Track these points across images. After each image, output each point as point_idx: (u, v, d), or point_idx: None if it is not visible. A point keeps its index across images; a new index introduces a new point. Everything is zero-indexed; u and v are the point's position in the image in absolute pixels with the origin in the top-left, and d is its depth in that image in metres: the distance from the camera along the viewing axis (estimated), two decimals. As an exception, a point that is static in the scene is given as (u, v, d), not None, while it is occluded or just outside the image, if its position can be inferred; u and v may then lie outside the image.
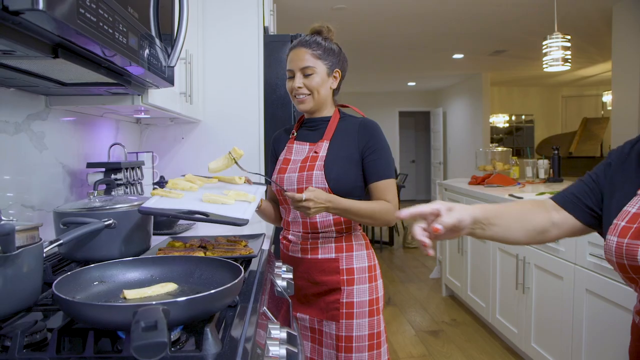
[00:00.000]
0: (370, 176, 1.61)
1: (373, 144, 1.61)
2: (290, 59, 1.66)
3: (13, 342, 0.75)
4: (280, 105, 2.76)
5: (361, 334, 1.60)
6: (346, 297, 1.61)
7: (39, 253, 0.93)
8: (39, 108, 1.60)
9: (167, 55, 1.47)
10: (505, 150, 4.50)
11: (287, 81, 1.67)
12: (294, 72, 1.63)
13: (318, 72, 1.62)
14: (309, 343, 1.69)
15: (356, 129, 1.64)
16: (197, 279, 1.02)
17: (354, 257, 1.63)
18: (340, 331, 1.60)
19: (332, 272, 1.62)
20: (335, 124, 1.67)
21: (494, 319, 3.40)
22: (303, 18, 5.05)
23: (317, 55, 1.62)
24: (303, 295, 1.67)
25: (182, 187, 1.42)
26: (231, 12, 2.66)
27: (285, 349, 0.88)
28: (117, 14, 1.01)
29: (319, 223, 1.62)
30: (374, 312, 1.63)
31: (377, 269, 1.68)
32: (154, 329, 0.61)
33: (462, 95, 10.16)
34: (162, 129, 2.68)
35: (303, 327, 1.70)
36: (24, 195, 1.52)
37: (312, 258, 1.64)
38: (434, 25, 5.54)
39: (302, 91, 1.62)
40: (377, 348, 1.62)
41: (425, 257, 6.15)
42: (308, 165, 1.60)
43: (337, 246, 1.63)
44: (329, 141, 1.63)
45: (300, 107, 1.65)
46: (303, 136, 1.72)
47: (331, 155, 1.60)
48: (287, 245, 1.72)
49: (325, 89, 1.65)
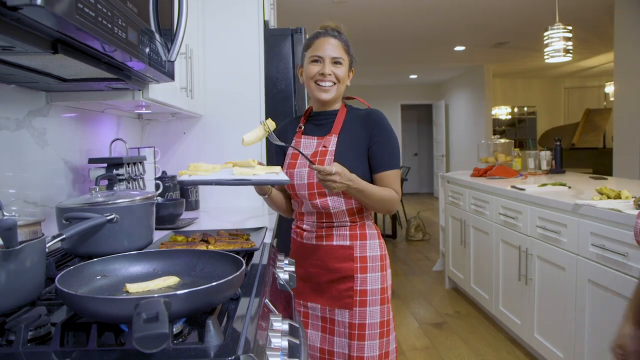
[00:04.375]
0: (376, 166, 1.63)
1: (377, 134, 1.63)
2: (319, 45, 1.64)
3: (17, 336, 0.76)
4: (281, 99, 2.76)
5: (373, 321, 1.63)
6: (360, 284, 1.63)
7: (42, 248, 0.94)
8: (40, 104, 1.60)
9: (167, 49, 1.47)
10: (507, 142, 4.49)
11: (310, 65, 1.64)
12: (324, 59, 1.62)
13: (345, 64, 1.66)
14: (319, 333, 1.70)
15: (362, 121, 1.65)
16: (199, 272, 1.03)
17: (367, 246, 1.66)
18: (353, 319, 1.62)
19: (346, 259, 1.64)
20: (343, 117, 1.68)
21: (497, 310, 3.40)
22: (304, 12, 5.04)
23: (345, 49, 1.67)
24: (316, 284, 1.69)
25: (205, 169, 1.44)
26: (231, 6, 2.66)
27: (287, 340, 0.89)
28: (116, 8, 1.01)
29: (333, 212, 1.64)
30: (385, 300, 1.66)
31: (387, 259, 1.72)
32: (155, 321, 0.62)
33: (465, 87, 10.13)
34: (163, 124, 2.69)
35: (314, 317, 1.71)
36: (26, 191, 1.52)
37: (327, 245, 1.66)
38: (435, 17, 5.52)
39: (331, 79, 1.63)
40: (387, 336, 1.66)
41: (428, 249, 6.16)
42: (318, 160, 1.61)
43: (352, 234, 1.66)
44: (337, 135, 1.64)
45: (322, 96, 1.64)
46: (310, 130, 1.72)
47: (340, 149, 1.62)
48: (300, 233, 1.73)
49: (345, 83, 1.69)
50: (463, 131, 10.22)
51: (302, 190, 1.64)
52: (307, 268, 1.69)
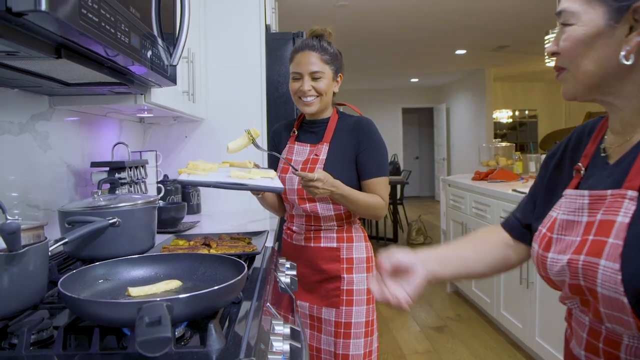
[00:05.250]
0: (363, 174, 1.68)
1: (365, 142, 1.67)
2: (297, 61, 1.68)
3: (20, 340, 0.76)
4: (282, 103, 2.77)
5: (359, 320, 1.68)
6: (346, 284, 1.69)
7: (45, 251, 0.94)
8: (43, 108, 1.61)
9: (169, 54, 1.48)
10: (508, 145, 4.49)
11: (292, 82, 1.70)
12: (302, 75, 1.66)
13: (326, 76, 1.67)
14: (307, 330, 1.76)
15: (351, 129, 1.70)
16: (200, 276, 1.03)
17: (353, 248, 1.72)
18: (339, 318, 1.68)
19: (333, 260, 1.70)
20: (334, 125, 1.73)
21: (499, 314, 3.40)
22: (305, 16, 5.05)
23: (325, 60, 1.67)
24: (305, 283, 1.74)
25: (203, 168, 1.48)
26: (233, 10, 2.66)
27: (289, 344, 0.89)
28: (119, 14, 1.01)
29: (322, 216, 1.69)
30: (370, 300, 1.71)
31: (372, 261, 1.76)
32: (158, 324, 0.62)
33: (465, 91, 10.13)
34: (165, 127, 2.69)
35: (302, 315, 1.76)
36: (29, 195, 1.53)
37: (315, 246, 1.72)
38: (436, 21, 5.53)
39: (311, 93, 1.66)
40: (371, 335, 1.71)
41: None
42: (309, 167, 1.68)
43: (339, 236, 1.72)
44: (329, 144, 1.70)
45: (306, 110, 1.69)
46: (304, 137, 1.77)
47: (330, 158, 1.67)
48: (291, 234, 1.81)
49: (330, 93, 1.71)
50: (464, 134, 10.21)
51: (292, 195, 1.70)
52: (299, 268, 1.73)
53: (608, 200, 0.77)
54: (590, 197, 0.81)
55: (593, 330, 0.81)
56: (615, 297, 0.71)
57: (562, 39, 0.80)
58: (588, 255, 0.75)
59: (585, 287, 0.76)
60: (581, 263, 0.75)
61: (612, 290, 0.71)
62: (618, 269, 0.70)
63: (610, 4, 0.75)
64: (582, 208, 0.82)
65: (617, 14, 0.75)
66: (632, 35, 0.74)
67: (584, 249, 0.76)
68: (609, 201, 0.77)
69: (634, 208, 0.73)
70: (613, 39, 0.75)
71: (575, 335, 0.87)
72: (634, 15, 0.74)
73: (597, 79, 0.79)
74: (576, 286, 0.78)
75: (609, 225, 0.75)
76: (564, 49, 0.80)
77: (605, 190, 0.78)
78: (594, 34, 0.77)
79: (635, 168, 0.76)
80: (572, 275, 0.78)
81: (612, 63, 0.76)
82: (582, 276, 0.75)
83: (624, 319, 0.72)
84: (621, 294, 0.70)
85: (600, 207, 0.78)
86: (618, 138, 0.84)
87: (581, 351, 0.85)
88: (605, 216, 0.76)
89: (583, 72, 0.79)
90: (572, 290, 0.80)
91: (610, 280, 0.71)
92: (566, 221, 0.84)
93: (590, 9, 0.77)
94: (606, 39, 0.76)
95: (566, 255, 0.79)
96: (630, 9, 0.73)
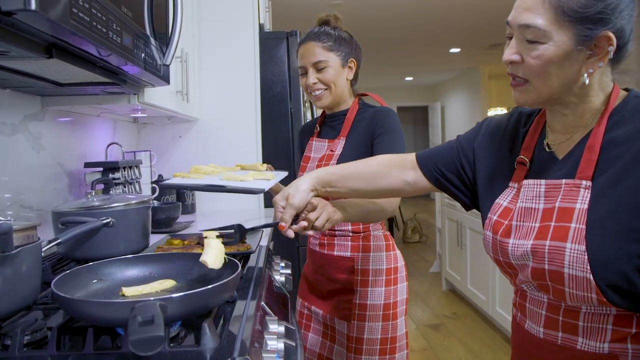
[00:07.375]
0: None
1: (379, 129, 1.52)
2: (300, 55, 1.60)
3: (13, 341, 0.76)
4: (276, 103, 2.76)
5: (373, 337, 1.54)
6: (359, 298, 1.56)
7: (38, 252, 0.94)
8: (36, 109, 1.60)
9: (162, 53, 1.48)
10: (503, 143, 4.49)
11: (300, 78, 1.62)
12: (306, 68, 1.57)
13: (331, 65, 1.55)
14: (319, 338, 1.67)
15: (368, 120, 1.56)
16: (195, 276, 1.03)
17: (370, 258, 1.57)
18: (351, 332, 1.56)
19: (346, 271, 1.57)
20: (353, 116, 1.60)
21: (494, 311, 3.41)
22: (298, 15, 5.05)
23: (328, 47, 1.56)
24: (320, 291, 1.65)
25: (205, 172, 1.48)
26: (226, 9, 2.66)
27: (284, 342, 0.89)
28: (110, 13, 1.01)
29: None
30: (389, 316, 1.56)
31: (399, 272, 1.61)
32: (151, 324, 0.62)
33: (460, 89, 10.15)
34: (159, 127, 2.69)
35: (316, 321, 1.68)
36: (22, 196, 1.52)
37: (328, 254, 1.60)
38: (430, 19, 5.54)
39: (318, 86, 1.56)
40: (391, 353, 1.55)
41: (425, 251, 6.16)
42: (323, 164, 1.56)
43: (354, 245, 1.58)
44: (345, 137, 1.58)
45: (318, 104, 1.60)
46: (324, 132, 1.68)
47: (346, 152, 1.55)
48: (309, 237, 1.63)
49: (342, 81, 1.58)
50: (459, 133, 10.16)
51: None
52: (314, 274, 1.67)
53: (563, 189, 0.86)
54: (546, 186, 0.89)
55: (552, 305, 0.89)
56: (582, 276, 0.80)
57: (531, 55, 0.85)
58: (553, 240, 0.83)
59: (548, 271, 0.84)
60: (547, 248, 0.84)
61: (579, 270, 0.80)
62: (584, 250, 0.79)
63: (578, 29, 0.81)
64: (539, 196, 0.90)
65: (582, 40, 0.82)
66: (593, 60, 0.84)
67: (548, 234, 0.85)
68: (565, 190, 0.86)
69: (589, 195, 0.83)
70: (578, 61, 0.84)
71: (532, 315, 0.93)
72: (596, 42, 0.82)
73: (557, 94, 0.87)
74: (539, 270, 0.85)
75: (569, 212, 0.83)
76: (533, 65, 0.86)
77: (560, 180, 0.87)
78: (564, 56, 0.83)
79: (584, 161, 0.85)
80: (536, 260, 0.85)
81: (574, 81, 0.85)
82: (547, 260, 0.83)
83: (587, 296, 0.80)
84: (588, 272, 0.79)
85: (556, 195, 0.87)
86: (559, 136, 0.93)
87: (540, 328, 0.91)
88: (564, 204, 0.85)
89: (548, 87, 0.86)
90: (534, 275, 0.87)
91: (578, 261, 0.80)
92: (524, 208, 0.92)
93: (561, 31, 0.82)
94: (572, 61, 0.84)
95: (528, 240, 0.87)
96: (593, 40, 0.82)
